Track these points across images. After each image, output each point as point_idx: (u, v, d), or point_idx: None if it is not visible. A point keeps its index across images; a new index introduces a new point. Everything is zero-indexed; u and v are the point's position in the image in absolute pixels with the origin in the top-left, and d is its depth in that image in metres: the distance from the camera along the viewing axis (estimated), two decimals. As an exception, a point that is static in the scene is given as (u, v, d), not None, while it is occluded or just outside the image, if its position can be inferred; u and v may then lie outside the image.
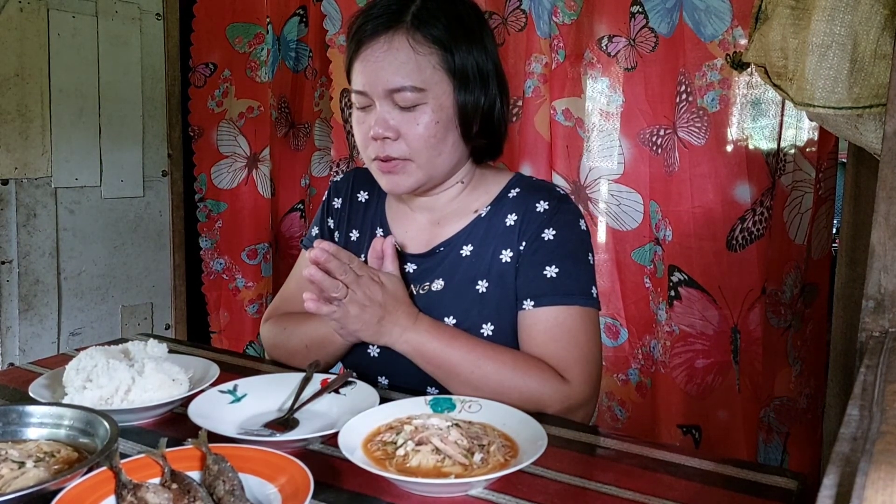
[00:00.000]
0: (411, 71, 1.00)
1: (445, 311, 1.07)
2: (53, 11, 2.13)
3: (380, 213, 1.19)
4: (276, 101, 2.50)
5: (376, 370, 1.12)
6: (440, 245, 1.12)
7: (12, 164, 2.07)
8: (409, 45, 1.00)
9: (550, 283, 1.03)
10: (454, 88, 1.03)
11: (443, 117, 1.03)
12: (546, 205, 1.07)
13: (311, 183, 2.57)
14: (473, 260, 1.08)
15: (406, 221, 1.16)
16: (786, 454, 1.78)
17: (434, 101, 1.02)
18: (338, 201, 1.24)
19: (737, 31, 1.61)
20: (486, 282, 1.06)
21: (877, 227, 0.79)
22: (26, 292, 2.14)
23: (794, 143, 1.68)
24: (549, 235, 1.05)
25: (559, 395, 1.00)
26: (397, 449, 0.82)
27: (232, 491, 0.72)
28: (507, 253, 1.07)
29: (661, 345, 1.78)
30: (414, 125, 1.02)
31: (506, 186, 1.13)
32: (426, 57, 1.01)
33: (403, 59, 1.00)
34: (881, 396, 0.58)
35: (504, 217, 1.09)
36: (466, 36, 1.03)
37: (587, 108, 1.86)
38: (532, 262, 1.05)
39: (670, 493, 0.78)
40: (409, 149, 1.03)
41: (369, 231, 1.18)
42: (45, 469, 0.76)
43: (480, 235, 1.09)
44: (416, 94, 1.01)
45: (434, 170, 1.06)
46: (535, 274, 1.04)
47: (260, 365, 1.24)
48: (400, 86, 1.00)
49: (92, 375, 0.98)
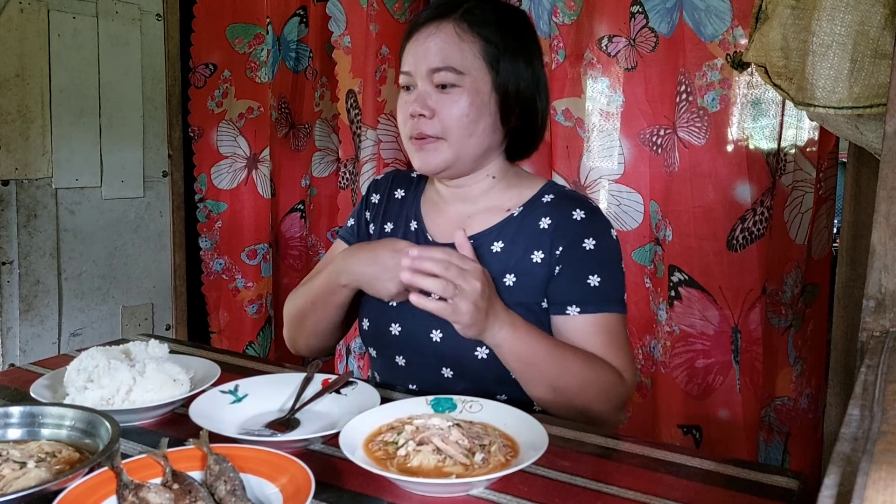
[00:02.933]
0: (452, 52, 1.08)
1: None
2: (54, 12, 2.13)
3: (415, 208, 1.24)
4: (276, 102, 2.50)
5: (396, 349, 1.16)
6: (471, 237, 1.15)
7: (13, 164, 2.08)
8: (456, 32, 1.09)
9: (594, 292, 1.09)
10: (492, 79, 1.10)
11: (477, 102, 1.09)
12: (583, 214, 1.12)
13: (312, 183, 2.57)
14: (503, 256, 1.12)
15: (438, 214, 1.21)
16: (786, 454, 1.78)
17: (471, 86, 1.08)
18: (376, 196, 1.30)
19: (737, 31, 1.61)
20: (513, 276, 1.11)
21: (877, 227, 0.79)
22: (27, 293, 2.14)
23: (795, 143, 1.68)
24: (590, 245, 1.10)
25: (623, 392, 1.08)
26: (398, 449, 0.82)
27: (233, 491, 0.72)
28: (539, 254, 1.11)
29: (661, 345, 1.78)
30: (450, 105, 1.09)
31: (540, 191, 1.17)
32: (469, 45, 1.09)
33: (447, 40, 1.09)
34: (882, 396, 0.58)
35: (538, 220, 1.13)
36: (513, 41, 1.11)
37: (587, 108, 1.86)
38: (575, 270, 1.09)
39: (671, 492, 0.78)
40: (443, 127, 1.09)
41: (404, 224, 1.24)
42: (47, 469, 0.77)
43: (512, 234, 1.14)
44: (455, 76, 1.08)
45: (463, 150, 1.11)
46: (579, 282, 1.09)
47: (261, 365, 1.24)
48: (441, 65, 1.08)
49: (93, 376, 0.98)
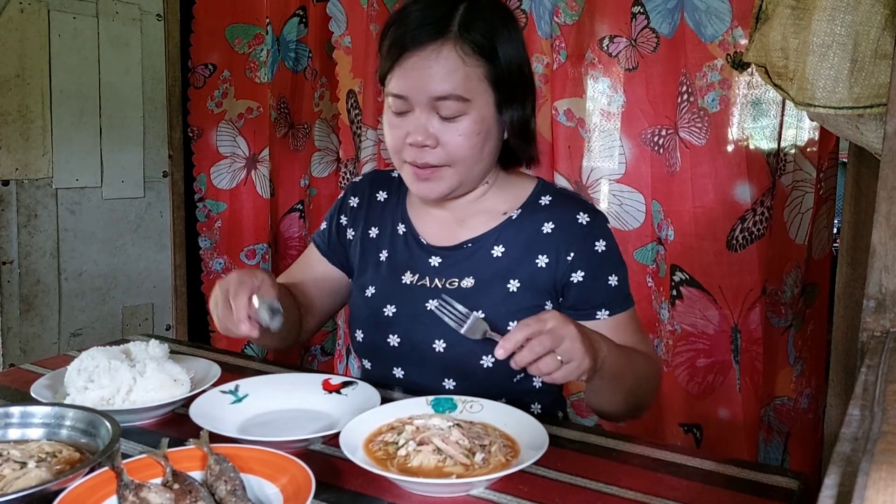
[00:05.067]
0: (459, 81, 1.00)
1: (475, 307, 1.05)
2: (54, 12, 2.13)
3: (401, 210, 1.20)
4: (276, 102, 2.50)
5: (394, 361, 1.13)
6: (468, 241, 1.13)
7: (13, 164, 2.08)
8: (459, 56, 1.01)
9: (616, 292, 1.11)
10: (496, 100, 1.05)
11: (483, 128, 1.04)
12: (587, 217, 1.11)
13: (311, 183, 2.57)
14: (505, 261, 1.10)
15: (428, 217, 1.18)
16: (786, 454, 1.78)
17: (476, 112, 1.03)
18: (354, 200, 1.24)
19: (736, 32, 1.61)
20: (517, 282, 1.09)
21: (877, 227, 0.79)
22: (27, 293, 2.14)
23: (795, 143, 1.68)
24: (601, 247, 1.10)
25: (661, 373, 1.18)
26: (399, 449, 0.82)
27: (233, 491, 0.72)
28: (544, 259, 1.09)
29: (663, 344, 1.78)
30: (455, 135, 1.02)
31: (534, 192, 1.15)
32: (474, 69, 1.01)
33: (452, 67, 1.00)
34: (882, 396, 0.58)
35: (539, 224, 1.11)
36: (508, 42, 1.05)
37: (588, 108, 1.86)
38: (595, 276, 1.09)
39: (672, 492, 0.78)
40: (448, 156, 1.04)
41: (390, 228, 1.19)
42: (47, 469, 0.77)
43: (512, 237, 1.11)
44: (461, 104, 1.01)
45: (469, 177, 1.08)
46: (602, 286, 1.10)
47: (261, 365, 1.24)
48: (447, 94, 1.00)
49: (93, 376, 0.98)
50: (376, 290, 1.15)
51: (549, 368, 0.84)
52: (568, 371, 0.86)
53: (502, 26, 1.05)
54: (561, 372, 0.85)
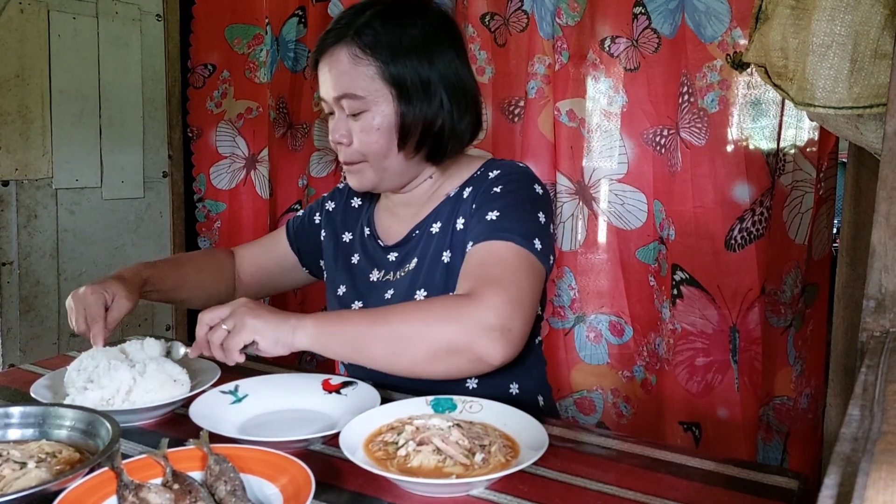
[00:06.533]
0: (350, 80, 1.07)
1: (418, 286, 1.12)
2: (54, 13, 2.13)
3: (369, 215, 1.28)
4: (275, 102, 2.50)
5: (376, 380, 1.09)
6: (415, 229, 1.19)
7: (13, 165, 2.08)
8: (349, 56, 1.08)
9: (489, 224, 1.05)
10: (394, 98, 1.08)
11: (384, 123, 1.09)
12: (498, 171, 1.14)
13: (310, 183, 2.57)
14: (441, 235, 1.14)
15: (391, 218, 1.24)
16: (786, 454, 1.78)
17: (375, 108, 1.08)
18: (331, 204, 1.35)
19: (735, 32, 1.61)
20: (449, 252, 1.12)
21: (877, 227, 0.79)
22: (27, 293, 2.14)
23: (795, 143, 1.68)
24: (497, 189, 1.11)
25: (478, 311, 0.92)
26: (398, 449, 0.82)
27: (233, 491, 0.72)
28: (461, 221, 1.12)
29: (665, 342, 1.78)
30: (359, 131, 1.10)
31: (479, 168, 1.19)
32: (364, 67, 1.07)
33: (343, 68, 1.08)
34: (882, 396, 0.58)
35: (463, 191, 1.16)
36: (408, 49, 1.08)
37: (590, 108, 1.87)
38: (477, 213, 1.09)
39: (671, 492, 0.78)
40: (360, 152, 1.11)
41: (359, 232, 1.28)
42: (47, 470, 0.77)
43: (447, 212, 1.16)
44: (357, 102, 1.08)
45: (385, 171, 1.13)
46: (478, 220, 1.07)
47: (261, 365, 1.24)
48: (342, 93, 1.08)
49: (93, 376, 0.98)
50: (346, 288, 1.23)
51: (219, 339, 0.93)
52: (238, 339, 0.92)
53: (404, 28, 1.09)
54: (234, 338, 0.92)
